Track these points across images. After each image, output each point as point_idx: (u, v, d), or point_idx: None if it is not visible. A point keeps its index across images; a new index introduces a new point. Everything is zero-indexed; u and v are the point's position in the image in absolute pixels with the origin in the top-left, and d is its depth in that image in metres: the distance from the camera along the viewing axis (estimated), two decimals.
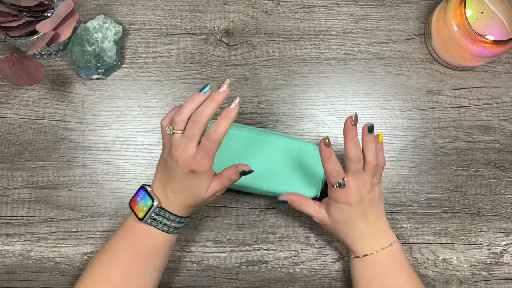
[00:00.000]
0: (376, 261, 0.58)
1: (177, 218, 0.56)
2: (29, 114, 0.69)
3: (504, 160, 0.70)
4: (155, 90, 0.70)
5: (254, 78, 0.71)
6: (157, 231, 0.55)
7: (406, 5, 0.73)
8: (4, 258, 0.66)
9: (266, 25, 0.72)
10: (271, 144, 0.63)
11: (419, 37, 0.72)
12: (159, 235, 0.55)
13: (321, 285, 0.67)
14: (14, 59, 0.61)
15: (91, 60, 0.67)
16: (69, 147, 0.69)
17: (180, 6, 0.72)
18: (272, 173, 0.62)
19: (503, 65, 0.72)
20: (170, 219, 0.55)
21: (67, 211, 0.67)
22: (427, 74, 0.71)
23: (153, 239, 0.56)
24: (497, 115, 0.71)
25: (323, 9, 0.72)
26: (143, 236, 0.56)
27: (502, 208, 0.69)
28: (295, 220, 0.68)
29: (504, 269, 0.68)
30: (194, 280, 0.67)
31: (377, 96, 0.71)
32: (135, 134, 0.69)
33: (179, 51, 0.71)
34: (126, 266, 0.55)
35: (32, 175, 0.68)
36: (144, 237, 0.56)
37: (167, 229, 0.56)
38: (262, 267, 0.67)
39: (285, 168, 0.63)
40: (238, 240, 0.67)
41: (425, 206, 0.69)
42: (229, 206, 0.68)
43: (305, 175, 0.63)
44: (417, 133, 0.70)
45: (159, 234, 0.55)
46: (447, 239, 0.68)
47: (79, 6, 0.71)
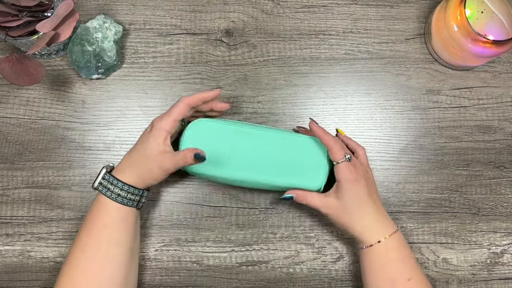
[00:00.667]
0: (389, 247, 0.58)
1: (125, 186, 0.57)
2: (29, 114, 0.69)
3: (504, 160, 0.70)
4: (155, 90, 0.70)
5: (254, 78, 0.71)
6: (105, 198, 0.57)
7: (406, 5, 0.73)
8: (4, 258, 0.66)
9: (266, 25, 0.72)
10: (272, 138, 0.62)
11: (419, 37, 0.72)
12: (107, 202, 0.57)
13: (321, 285, 0.67)
14: (14, 59, 0.61)
15: (91, 60, 0.67)
16: (69, 147, 0.69)
17: (180, 6, 0.72)
18: (275, 167, 0.61)
19: (503, 65, 0.72)
20: (113, 184, 0.57)
21: (67, 211, 0.67)
22: (427, 74, 0.71)
23: (102, 206, 0.57)
24: (497, 115, 0.71)
25: (323, 9, 0.72)
26: (97, 206, 0.58)
27: (502, 208, 0.69)
28: (295, 220, 0.68)
29: (504, 269, 0.68)
30: (194, 280, 0.67)
31: (377, 96, 0.71)
32: (135, 134, 0.69)
33: (179, 51, 0.71)
34: (81, 243, 0.57)
35: (32, 175, 0.68)
36: (97, 206, 0.57)
37: (111, 195, 0.57)
38: (262, 267, 0.67)
39: (288, 161, 0.62)
40: (238, 240, 0.67)
41: (425, 206, 0.69)
42: (229, 206, 0.68)
43: (308, 167, 0.62)
44: (417, 133, 0.70)
45: (107, 202, 0.57)
46: (447, 239, 0.68)
47: (79, 6, 0.71)
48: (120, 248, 0.57)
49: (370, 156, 0.69)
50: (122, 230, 0.58)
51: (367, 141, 0.70)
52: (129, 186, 0.57)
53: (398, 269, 0.58)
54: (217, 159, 0.60)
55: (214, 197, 0.68)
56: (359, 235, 0.59)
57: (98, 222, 0.57)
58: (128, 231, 0.58)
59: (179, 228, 0.67)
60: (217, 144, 0.60)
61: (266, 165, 0.61)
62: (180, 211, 0.68)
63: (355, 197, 0.58)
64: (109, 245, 0.56)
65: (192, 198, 0.68)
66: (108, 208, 0.57)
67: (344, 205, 0.59)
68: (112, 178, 0.57)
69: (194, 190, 0.68)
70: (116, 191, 0.57)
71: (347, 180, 0.58)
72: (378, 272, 0.58)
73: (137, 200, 0.58)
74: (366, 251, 0.59)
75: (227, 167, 0.60)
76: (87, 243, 0.56)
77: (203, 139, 0.60)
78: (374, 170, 0.69)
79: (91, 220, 0.57)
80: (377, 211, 0.59)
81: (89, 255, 0.56)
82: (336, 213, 0.59)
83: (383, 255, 0.58)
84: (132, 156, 0.59)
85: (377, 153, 0.70)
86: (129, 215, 0.58)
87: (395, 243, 0.58)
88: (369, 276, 0.59)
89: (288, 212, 0.68)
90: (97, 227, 0.57)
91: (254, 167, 0.60)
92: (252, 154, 0.61)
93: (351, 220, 0.59)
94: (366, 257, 0.59)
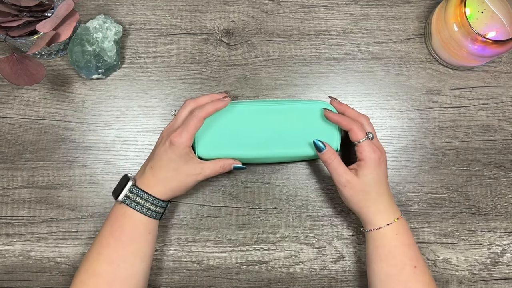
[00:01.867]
0: (397, 231, 0.58)
1: (155, 200, 0.57)
2: (29, 114, 0.69)
3: (504, 160, 0.70)
4: (155, 90, 0.70)
5: (254, 78, 0.71)
6: (133, 212, 0.57)
7: (406, 5, 0.73)
8: (4, 258, 0.66)
9: (266, 25, 0.72)
10: (280, 111, 0.63)
11: (419, 37, 0.72)
12: (135, 215, 0.57)
13: (321, 285, 0.67)
14: (14, 59, 0.61)
15: (91, 60, 0.67)
16: (69, 147, 0.69)
17: (180, 6, 0.72)
18: (287, 138, 0.62)
19: (503, 65, 0.72)
20: (143, 198, 0.57)
21: (67, 211, 0.67)
22: (427, 74, 0.71)
23: (130, 220, 0.57)
24: (497, 114, 0.71)
25: (323, 9, 0.72)
26: (122, 219, 0.57)
27: (502, 207, 0.69)
28: (295, 220, 0.68)
29: (504, 268, 0.68)
30: (194, 280, 0.67)
31: (377, 96, 0.71)
32: (135, 134, 0.69)
33: (179, 51, 0.71)
34: (108, 254, 0.56)
35: (33, 175, 0.68)
36: (122, 219, 0.57)
37: (141, 209, 0.57)
38: (262, 267, 0.67)
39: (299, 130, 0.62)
40: (238, 240, 0.67)
41: (425, 206, 0.69)
42: (229, 206, 0.68)
43: (321, 132, 0.62)
44: (417, 133, 0.70)
45: (134, 215, 0.57)
46: (447, 239, 0.68)
47: (79, 6, 0.71)
48: (145, 264, 0.58)
49: None
50: (148, 244, 0.58)
51: None
52: (159, 200, 0.58)
53: (405, 255, 0.57)
54: (231, 139, 0.62)
55: (214, 197, 0.68)
56: (371, 215, 0.58)
57: (126, 235, 0.57)
58: (153, 245, 0.59)
59: (179, 228, 0.67)
60: (229, 125, 0.62)
61: (282, 138, 0.62)
62: (180, 211, 0.68)
63: (376, 178, 0.58)
64: (135, 259, 0.57)
65: (192, 198, 0.68)
66: (135, 221, 0.57)
67: (364, 183, 0.58)
68: (142, 192, 0.57)
69: (194, 190, 0.68)
70: (146, 205, 0.57)
71: (371, 159, 0.58)
72: (385, 257, 0.57)
73: (161, 212, 0.59)
74: (374, 234, 0.58)
75: (242, 146, 0.62)
76: (114, 255, 0.56)
77: (215, 121, 0.62)
78: None
79: (117, 232, 0.57)
80: (389, 195, 0.60)
81: (115, 267, 0.56)
82: (353, 189, 0.58)
83: (390, 239, 0.58)
84: (161, 173, 0.58)
85: None
86: (155, 228, 0.59)
87: (401, 228, 0.58)
88: (376, 262, 0.58)
89: (288, 212, 0.68)
90: (125, 240, 0.56)
91: (268, 142, 0.62)
92: (265, 129, 0.62)
93: (367, 199, 0.58)
94: (374, 242, 0.58)
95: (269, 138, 0.62)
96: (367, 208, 0.58)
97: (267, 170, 0.69)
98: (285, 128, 0.63)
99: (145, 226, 0.57)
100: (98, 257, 0.56)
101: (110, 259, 0.56)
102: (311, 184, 0.69)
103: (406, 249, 0.57)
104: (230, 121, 0.63)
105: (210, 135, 0.62)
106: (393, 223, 0.58)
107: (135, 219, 0.57)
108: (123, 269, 0.56)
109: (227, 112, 0.62)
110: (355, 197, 0.58)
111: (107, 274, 0.55)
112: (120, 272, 0.56)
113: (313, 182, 0.69)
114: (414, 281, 0.56)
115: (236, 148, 0.62)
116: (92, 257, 0.57)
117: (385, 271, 0.57)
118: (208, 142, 0.62)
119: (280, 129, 0.63)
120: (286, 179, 0.69)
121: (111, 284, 0.55)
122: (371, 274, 0.59)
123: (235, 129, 0.62)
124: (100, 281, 0.55)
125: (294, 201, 0.68)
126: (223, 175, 0.68)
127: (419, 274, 0.56)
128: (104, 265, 0.56)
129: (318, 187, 0.69)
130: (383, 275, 0.57)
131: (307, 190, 0.69)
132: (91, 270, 0.56)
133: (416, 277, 0.56)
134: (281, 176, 0.69)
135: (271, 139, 0.62)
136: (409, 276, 0.56)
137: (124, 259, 0.56)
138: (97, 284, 0.55)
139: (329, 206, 0.68)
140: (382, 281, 0.57)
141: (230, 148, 0.62)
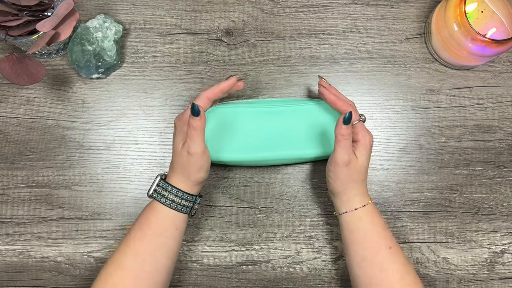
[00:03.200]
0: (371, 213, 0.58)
1: (179, 192, 0.57)
2: (29, 114, 0.69)
3: (504, 160, 0.70)
4: (155, 90, 0.70)
5: (254, 78, 0.71)
6: (160, 206, 0.57)
7: (406, 5, 0.73)
8: (4, 257, 0.66)
9: (266, 24, 0.72)
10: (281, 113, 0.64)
11: (419, 37, 0.72)
12: (162, 209, 0.57)
13: (321, 284, 0.67)
14: (14, 59, 0.61)
15: (91, 59, 0.67)
16: (69, 147, 0.69)
17: (180, 6, 0.72)
18: (293, 139, 0.63)
19: (503, 65, 0.72)
20: (168, 190, 0.57)
21: (67, 210, 0.67)
22: (427, 74, 0.71)
23: (156, 214, 0.57)
24: (497, 114, 0.71)
25: (323, 8, 0.72)
26: (150, 213, 0.57)
27: (502, 207, 0.69)
28: (295, 220, 0.68)
29: (504, 268, 0.68)
30: (194, 280, 0.67)
31: (377, 95, 0.71)
32: (135, 133, 0.69)
33: (179, 51, 0.71)
34: (135, 248, 0.56)
35: (32, 175, 0.68)
36: (150, 213, 0.57)
37: (165, 201, 0.57)
38: (262, 266, 0.67)
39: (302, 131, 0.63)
40: (238, 239, 0.67)
41: (425, 205, 0.69)
42: (229, 205, 0.68)
43: (324, 132, 0.63)
44: (417, 133, 0.70)
45: (161, 208, 0.57)
46: (447, 239, 0.68)
47: (79, 6, 0.71)
48: (171, 260, 0.58)
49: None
50: (174, 239, 0.58)
51: None
52: (183, 192, 0.58)
53: (379, 236, 0.57)
54: (239, 143, 0.63)
55: (214, 197, 0.68)
56: (351, 197, 0.58)
57: (152, 229, 0.56)
58: (179, 241, 0.59)
59: None
60: (236, 128, 0.63)
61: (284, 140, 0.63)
62: None
63: (368, 159, 0.59)
64: (161, 254, 0.56)
65: None
66: (164, 215, 0.57)
67: (360, 164, 0.58)
68: (167, 185, 0.57)
69: None
70: (170, 197, 0.57)
71: (366, 140, 0.58)
72: (361, 241, 0.57)
73: (190, 207, 0.59)
74: (349, 217, 0.58)
75: (245, 149, 0.63)
76: (140, 248, 0.56)
77: (221, 126, 0.63)
78: (374, 170, 0.69)
79: (144, 226, 0.57)
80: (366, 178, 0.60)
81: (141, 261, 0.55)
82: (352, 169, 0.58)
83: (365, 222, 0.58)
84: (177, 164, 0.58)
85: (377, 152, 0.70)
86: (183, 223, 0.59)
87: (373, 210, 0.59)
88: (352, 246, 0.58)
89: (288, 212, 0.68)
90: (151, 234, 0.56)
91: (271, 144, 0.63)
92: (267, 132, 0.63)
93: (355, 180, 0.58)
94: (348, 226, 0.58)
95: (272, 141, 0.63)
96: (350, 190, 0.58)
97: (267, 170, 0.69)
98: (288, 129, 0.63)
99: (172, 221, 0.57)
100: (125, 249, 0.56)
101: (136, 252, 0.56)
102: (311, 184, 0.69)
103: (380, 230, 0.58)
104: (233, 124, 0.63)
105: (213, 138, 0.62)
106: (368, 205, 0.58)
107: (161, 212, 0.57)
108: (149, 263, 0.56)
109: (230, 116, 0.63)
110: (349, 177, 0.58)
111: (132, 267, 0.55)
112: (146, 266, 0.55)
113: (313, 182, 0.69)
114: (389, 262, 0.56)
115: (239, 151, 0.63)
116: (119, 250, 0.57)
117: (361, 254, 0.57)
118: (210, 146, 0.62)
119: (283, 131, 0.63)
120: (286, 179, 0.69)
121: (137, 278, 0.55)
122: (347, 259, 0.59)
123: (237, 132, 0.63)
124: (126, 274, 0.55)
125: (294, 200, 0.68)
126: (223, 175, 0.68)
127: (394, 254, 0.57)
128: (130, 258, 0.56)
129: (318, 187, 0.69)
130: (359, 258, 0.57)
131: (307, 190, 0.69)
132: (117, 263, 0.56)
133: (391, 257, 0.57)
134: (281, 176, 0.69)
135: (275, 141, 0.63)
136: (384, 257, 0.56)
137: (150, 252, 0.56)
138: (122, 277, 0.55)
139: (329, 206, 0.68)
140: (358, 264, 0.57)
141: (233, 151, 0.63)
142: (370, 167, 0.69)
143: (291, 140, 0.63)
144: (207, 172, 0.59)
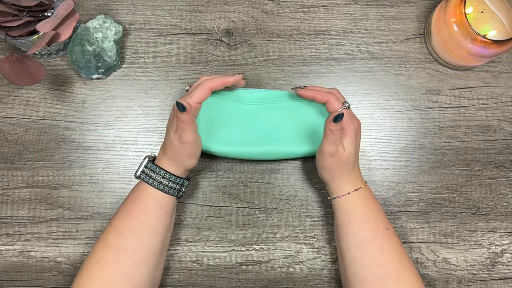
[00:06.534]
0: (366, 197, 0.59)
1: (166, 174, 0.58)
2: (30, 114, 0.69)
3: (504, 160, 0.70)
4: (155, 90, 0.70)
5: (254, 78, 0.71)
6: (146, 186, 0.58)
7: (406, 5, 0.73)
8: (4, 257, 0.66)
9: (266, 25, 0.72)
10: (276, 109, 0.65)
11: (419, 37, 0.72)
12: (148, 189, 0.58)
13: (321, 284, 0.67)
14: (15, 59, 0.61)
15: (91, 60, 0.67)
16: (69, 147, 0.69)
17: (180, 6, 0.72)
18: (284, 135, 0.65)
19: (503, 65, 0.72)
20: (155, 172, 0.58)
21: (67, 210, 0.67)
22: (427, 74, 0.71)
23: (141, 194, 0.58)
24: (497, 114, 0.71)
25: (323, 9, 0.72)
26: (135, 193, 0.59)
27: (502, 207, 0.69)
28: (295, 220, 0.68)
29: (504, 268, 0.68)
30: (194, 280, 0.67)
31: (377, 96, 0.71)
32: (135, 133, 0.69)
33: (179, 51, 0.71)
34: (118, 226, 0.57)
35: (32, 175, 0.68)
36: (136, 193, 0.58)
37: (153, 183, 0.58)
38: (262, 266, 0.67)
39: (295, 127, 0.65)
40: (238, 239, 0.68)
41: (425, 205, 0.69)
42: (229, 205, 0.68)
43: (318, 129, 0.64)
44: (417, 133, 0.70)
45: (147, 189, 0.58)
46: (447, 239, 0.68)
47: (80, 6, 0.71)
48: (154, 238, 0.58)
49: (370, 156, 0.69)
50: (158, 219, 0.58)
51: (367, 141, 0.70)
52: (171, 174, 0.58)
53: (376, 219, 0.58)
54: (229, 135, 0.64)
55: (214, 197, 0.68)
56: (343, 183, 0.59)
57: (136, 208, 0.58)
58: (164, 221, 0.59)
59: (179, 228, 0.67)
60: (229, 121, 0.64)
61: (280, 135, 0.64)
62: (180, 210, 0.68)
63: (355, 147, 0.59)
64: (144, 232, 0.57)
65: (192, 198, 0.68)
66: (148, 195, 0.58)
67: (347, 154, 0.58)
68: (154, 166, 0.59)
69: (194, 190, 0.68)
70: (158, 178, 0.58)
71: (350, 127, 0.58)
72: (358, 223, 0.58)
73: (177, 189, 0.59)
74: (343, 201, 0.59)
75: (239, 142, 0.64)
76: (123, 226, 0.57)
77: (213, 117, 0.64)
78: (374, 170, 0.69)
79: (129, 205, 0.58)
80: (358, 164, 0.61)
81: (123, 238, 0.56)
82: (339, 159, 0.58)
83: (362, 205, 0.59)
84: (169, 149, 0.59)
85: (377, 153, 0.70)
86: (168, 204, 0.59)
87: (368, 194, 0.60)
88: (350, 229, 0.58)
89: (288, 212, 0.68)
90: (135, 213, 0.57)
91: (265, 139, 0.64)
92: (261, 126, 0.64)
93: (344, 169, 0.59)
94: (343, 209, 0.59)
95: (263, 135, 0.64)
96: (340, 177, 0.59)
97: (267, 170, 0.69)
98: (279, 125, 0.65)
99: (157, 201, 0.58)
100: (109, 229, 0.58)
101: (119, 230, 0.57)
102: (311, 184, 0.69)
103: (376, 214, 0.59)
104: (225, 117, 0.64)
105: (205, 128, 0.63)
106: (361, 189, 0.59)
107: (147, 192, 0.58)
108: (130, 240, 0.56)
109: (223, 108, 0.64)
110: (337, 166, 0.59)
111: (115, 244, 0.56)
112: (127, 242, 0.56)
113: (313, 182, 0.69)
114: (388, 242, 0.58)
115: (232, 144, 0.64)
116: (105, 229, 0.58)
117: (360, 235, 0.58)
118: (205, 137, 0.63)
119: (274, 126, 0.64)
120: (286, 179, 0.69)
121: (118, 253, 0.56)
122: (344, 243, 0.59)
123: (229, 125, 0.64)
124: (108, 250, 0.56)
125: (294, 201, 0.68)
126: (223, 175, 0.68)
127: (391, 235, 0.58)
128: (114, 235, 0.57)
129: (318, 187, 0.69)
130: (359, 240, 0.58)
131: (307, 190, 0.69)
132: (101, 241, 0.57)
133: (389, 238, 0.58)
134: (281, 176, 0.69)
135: (268, 136, 0.64)
136: (383, 238, 0.58)
137: (132, 229, 0.57)
138: (105, 253, 0.56)
139: (329, 206, 0.68)
140: (359, 246, 0.57)
141: (227, 144, 0.64)
142: (370, 167, 0.69)
143: (281, 136, 0.64)
144: (198, 159, 0.60)
